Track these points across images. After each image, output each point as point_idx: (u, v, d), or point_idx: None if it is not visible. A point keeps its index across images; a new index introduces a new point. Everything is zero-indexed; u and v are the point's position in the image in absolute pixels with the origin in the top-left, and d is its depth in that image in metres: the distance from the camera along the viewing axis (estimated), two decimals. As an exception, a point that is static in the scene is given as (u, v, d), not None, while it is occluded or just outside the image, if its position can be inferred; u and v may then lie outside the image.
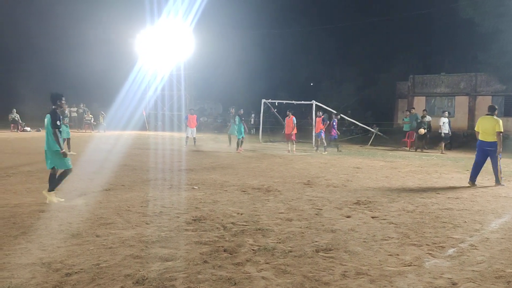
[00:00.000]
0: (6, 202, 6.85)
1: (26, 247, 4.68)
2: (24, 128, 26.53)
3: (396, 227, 5.86)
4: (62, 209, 6.49)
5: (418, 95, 31.31)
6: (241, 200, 7.47)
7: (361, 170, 11.82)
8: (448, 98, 30.29)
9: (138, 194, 7.79)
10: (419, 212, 6.76)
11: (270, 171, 11.26)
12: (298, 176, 10.44)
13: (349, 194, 8.21)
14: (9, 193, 7.55)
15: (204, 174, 10.42)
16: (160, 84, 32.21)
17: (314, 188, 8.90)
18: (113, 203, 7.01)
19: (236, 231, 5.47)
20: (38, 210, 6.36)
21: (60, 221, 5.76)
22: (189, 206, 6.89)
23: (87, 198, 7.31)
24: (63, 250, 4.60)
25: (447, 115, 19.51)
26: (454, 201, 7.73)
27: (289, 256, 4.58)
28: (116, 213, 6.30)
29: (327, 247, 4.88)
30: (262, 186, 8.95)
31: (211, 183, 9.11)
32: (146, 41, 30.98)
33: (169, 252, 4.62)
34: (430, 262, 4.47)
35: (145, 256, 4.47)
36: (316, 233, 5.47)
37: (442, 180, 10.34)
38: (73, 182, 8.79)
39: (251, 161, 13.65)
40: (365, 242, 5.14)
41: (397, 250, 4.83)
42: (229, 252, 4.66)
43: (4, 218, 5.83)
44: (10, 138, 20.15)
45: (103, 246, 4.77)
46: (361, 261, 4.45)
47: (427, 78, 31.35)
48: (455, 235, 5.50)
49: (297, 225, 5.88)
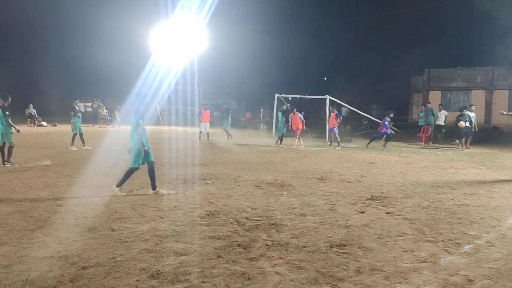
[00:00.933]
0: (23, 196, 6.97)
1: (44, 241, 4.75)
2: (41, 123, 26.90)
3: (411, 223, 5.81)
4: (78, 203, 6.57)
5: (433, 89, 30.90)
6: (255, 195, 7.48)
7: (375, 165, 11.73)
8: (464, 92, 29.85)
9: (153, 189, 7.84)
10: (435, 208, 6.69)
11: (283, 166, 11.25)
12: (311, 171, 10.41)
13: (363, 190, 8.15)
14: (27, 187, 7.68)
15: (217, 168, 10.46)
16: (174, 79, 32.33)
17: (328, 183, 8.86)
18: (128, 197, 7.08)
19: (249, 226, 5.49)
20: (55, 204, 6.46)
21: (76, 215, 5.84)
22: (203, 201, 6.93)
23: (101, 192, 7.39)
24: (79, 244, 4.66)
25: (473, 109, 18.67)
26: (470, 197, 7.63)
27: (303, 251, 4.58)
28: (131, 208, 6.36)
29: (341, 243, 4.86)
30: (276, 181, 8.95)
31: (225, 178, 9.14)
32: (160, 36, 31.09)
33: (184, 246, 4.65)
34: (445, 259, 4.42)
35: (159, 250, 4.51)
36: (330, 229, 5.45)
37: (457, 175, 10.21)
38: (87, 176, 8.91)
39: (264, 156, 13.64)
40: (380, 238, 5.11)
41: (412, 247, 4.79)
42: (243, 247, 4.68)
43: (22, 212, 5.93)
44: (27, 133, 20.44)
45: (118, 240, 4.83)
46: (376, 257, 4.43)
47: (443, 72, 30.91)
48: (471, 232, 5.43)
49: (311, 220, 5.87)
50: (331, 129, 17.59)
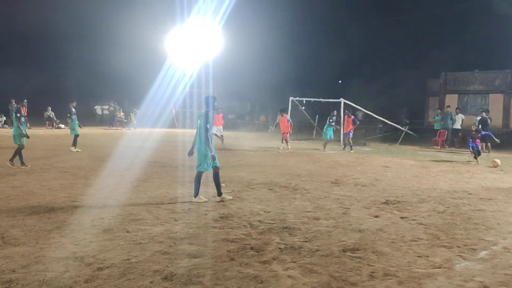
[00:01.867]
0: (41, 197, 7.10)
1: (60, 242, 4.84)
2: (59, 125, 27.32)
3: (425, 228, 5.75)
4: (94, 205, 6.67)
5: (450, 93, 30.48)
6: (268, 198, 7.49)
7: (390, 169, 11.64)
8: (482, 96, 29.37)
9: (167, 191, 7.93)
10: (450, 213, 6.61)
11: (297, 169, 11.24)
12: (325, 175, 10.38)
13: (378, 194, 8.10)
14: (44, 189, 7.82)
15: (231, 171, 10.49)
16: (189, 82, 32.57)
17: (342, 187, 8.83)
18: (143, 199, 7.16)
19: (263, 229, 5.50)
20: (71, 206, 6.57)
21: (92, 217, 5.93)
22: (216, 204, 6.97)
23: (117, 194, 7.49)
24: (95, 245, 4.73)
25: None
26: (487, 202, 7.52)
27: (316, 255, 4.57)
28: (146, 210, 6.43)
29: (355, 247, 4.84)
30: (289, 184, 8.94)
31: (238, 181, 9.17)
32: (176, 40, 31.38)
33: (197, 248, 4.69)
34: (461, 265, 4.37)
35: (173, 252, 4.55)
36: (343, 233, 5.44)
37: (474, 180, 10.07)
38: (103, 178, 9.03)
39: (278, 159, 13.64)
40: (394, 242, 5.07)
41: (426, 252, 4.75)
42: (255, 250, 4.70)
43: (40, 213, 6.05)
44: (45, 135, 20.78)
45: (133, 241, 4.89)
46: (389, 262, 4.40)
47: (460, 75, 30.48)
48: (488, 237, 5.35)
49: (324, 224, 5.85)
50: (347, 133, 17.37)
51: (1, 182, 8.34)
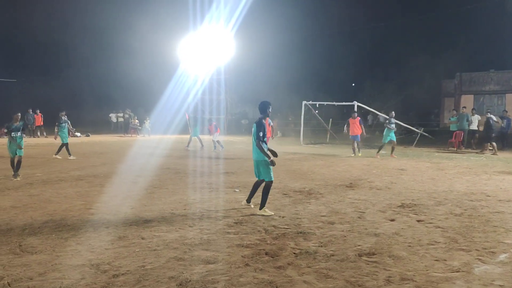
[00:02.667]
0: (57, 205, 7.18)
1: (76, 249, 4.88)
2: (74, 133, 27.68)
3: (443, 231, 5.66)
4: (109, 212, 6.72)
5: (466, 94, 30.13)
6: (283, 203, 7.46)
7: (406, 172, 11.51)
8: (498, 96, 28.97)
9: (181, 197, 7.95)
10: (468, 216, 6.50)
11: (311, 174, 11.18)
12: (340, 179, 10.30)
13: (393, 197, 8.01)
14: (61, 197, 7.91)
15: (245, 177, 10.48)
16: (201, 88, 32.75)
17: (357, 190, 8.75)
18: (157, 206, 7.19)
19: (277, 234, 5.47)
20: (87, 213, 6.63)
21: (107, 224, 5.97)
22: (231, 209, 6.96)
23: (132, 201, 7.53)
24: (110, 252, 4.76)
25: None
26: (506, 204, 7.37)
27: (331, 260, 4.53)
28: (161, 216, 6.46)
29: (370, 251, 4.78)
30: (304, 188, 8.90)
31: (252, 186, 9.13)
32: (188, 47, 31.61)
33: (212, 254, 4.68)
34: (480, 268, 4.29)
35: (188, 259, 4.55)
36: (358, 237, 5.38)
37: (492, 182, 9.89)
38: (118, 185, 9.11)
39: (292, 163, 13.60)
40: (410, 246, 5.00)
41: (444, 255, 4.67)
42: (270, 256, 4.67)
43: (56, 221, 6.11)
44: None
45: (148, 248, 4.91)
46: (406, 266, 4.33)
47: (475, 75, 30.11)
48: (507, 240, 5.24)
49: (339, 228, 5.80)
50: (355, 137, 16.14)
51: (19, 191, 8.47)
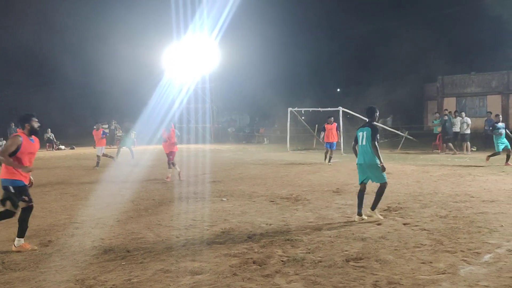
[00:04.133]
0: (42, 220, 7.07)
1: (61, 264, 4.81)
2: (59, 146, 27.37)
3: (428, 233, 5.71)
4: (95, 225, 6.64)
5: (448, 96, 30.60)
6: (270, 211, 7.46)
7: (391, 175, 11.58)
8: (480, 98, 29.48)
9: (168, 208, 7.90)
10: (453, 217, 6.57)
11: (298, 180, 11.21)
12: (326, 184, 10.35)
13: (380, 201, 8.04)
14: (45, 211, 7.79)
15: (232, 185, 10.47)
16: (186, 97, 32.71)
17: (343, 195, 8.80)
18: (144, 217, 7.13)
19: (265, 242, 5.46)
20: (72, 227, 6.53)
21: (93, 238, 5.89)
22: (218, 218, 6.93)
23: (118, 213, 7.45)
24: (95, 266, 4.70)
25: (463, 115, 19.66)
26: (490, 204, 7.48)
27: (319, 266, 4.53)
28: (147, 228, 6.40)
29: (358, 256, 4.80)
30: (291, 195, 8.91)
31: (240, 194, 9.14)
32: (173, 56, 31.58)
33: (199, 265, 4.65)
34: (465, 269, 4.33)
35: (175, 270, 4.51)
36: (346, 242, 5.40)
37: (476, 183, 10.03)
38: (104, 198, 9.01)
39: (279, 170, 13.62)
40: (397, 250, 5.03)
41: (430, 258, 4.71)
42: (258, 264, 4.66)
43: (40, 236, 6.01)
44: (46, 157, 20.83)
45: (134, 261, 4.85)
46: (393, 270, 4.36)
47: (457, 78, 30.63)
48: (491, 240, 5.31)
49: (326, 234, 5.82)
50: (332, 144, 14.83)
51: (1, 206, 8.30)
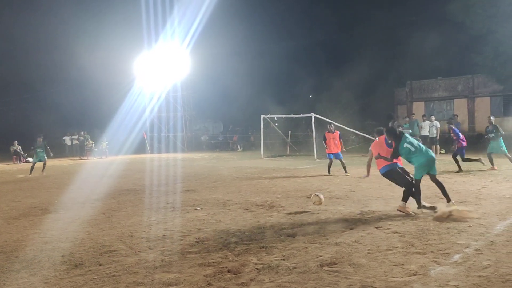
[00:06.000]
0: (8, 236, 6.84)
1: (29, 281, 4.65)
2: (26, 159, 26.59)
3: (400, 236, 5.81)
4: (65, 239, 6.46)
5: (416, 101, 31.38)
6: (244, 218, 7.44)
7: (364, 180, 11.74)
8: (447, 102, 30.35)
9: (141, 219, 7.77)
10: (423, 219, 6.71)
11: (272, 187, 11.23)
12: (301, 190, 10.41)
13: (353, 205, 8.17)
14: (12, 227, 7.54)
15: (206, 194, 10.40)
16: (157, 105, 32.43)
17: (317, 201, 8.85)
18: (116, 229, 6.99)
19: (239, 251, 5.44)
20: (41, 242, 6.34)
21: (62, 252, 5.73)
22: (192, 228, 6.86)
23: (89, 226, 7.29)
24: (66, 282, 4.57)
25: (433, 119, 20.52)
26: (458, 205, 7.67)
27: (294, 272, 4.54)
28: (119, 240, 6.27)
29: (332, 261, 4.84)
30: (265, 202, 8.92)
31: (214, 203, 9.09)
32: (143, 64, 31.30)
33: (173, 276, 4.59)
34: (435, 270, 4.42)
35: (148, 283, 4.43)
36: (320, 247, 5.43)
37: (445, 184, 10.22)
38: (74, 211, 8.79)
39: (253, 177, 13.62)
40: (370, 253, 5.10)
41: (402, 260, 4.79)
42: (233, 273, 4.63)
43: (7, 253, 5.81)
44: (12, 170, 20.20)
45: (106, 274, 4.74)
46: (366, 273, 4.41)
47: (425, 83, 31.45)
48: (460, 241, 5.45)
49: (301, 240, 5.84)
50: (337, 154, 13.60)
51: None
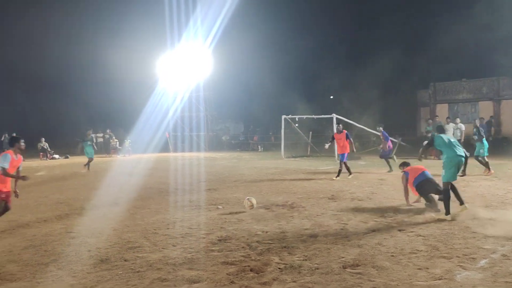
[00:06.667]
0: (37, 230, 7.04)
1: (57, 274, 4.79)
2: (53, 156, 27.20)
3: (424, 239, 5.75)
4: (91, 234, 6.62)
5: (440, 103, 30.84)
6: (266, 218, 7.47)
7: (386, 182, 11.66)
8: (471, 104, 29.75)
9: (164, 216, 7.89)
10: (448, 223, 6.62)
11: (293, 187, 11.23)
12: (321, 191, 10.38)
13: (375, 207, 8.11)
14: (40, 221, 7.75)
15: (228, 193, 10.47)
16: (180, 105, 32.73)
17: (339, 202, 8.83)
18: (140, 226, 7.11)
19: (261, 250, 5.47)
20: (68, 237, 6.50)
21: (89, 247, 5.88)
22: (214, 226, 6.93)
23: (114, 222, 7.43)
24: (92, 276, 4.69)
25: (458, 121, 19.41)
26: (484, 210, 7.54)
27: (316, 273, 4.55)
28: (143, 236, 6.39)
29: (354, 263, 4.83)
30: (286, 202, 8.93)
31: (235, 202, 9.15)
32: (166, 64, 31.65)
33: (196, 273, 4.65)
34: (461, 275, 4.37)
35: (172, 279, 4.51)
36: (342, 249, 5.42)
37: (470, 188, 10.10)
38: (99, 207, 8.98)
39: (274, 177, 13.64)
40: (393, 256, 5.06)
41: (426, 264, 4.75)
42: (255, 272, 4.67)
43: (36, 246, 5.98)
44: (39, 167, 20.70)
45: (131, 270, 4.85)
46: (390, 276, 4.39)
47: (449, 84, 30.89)
48: (486, 246, 5.36)
49: (323, 241, 5.84)
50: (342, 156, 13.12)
51: (-4, 217, 8.26)
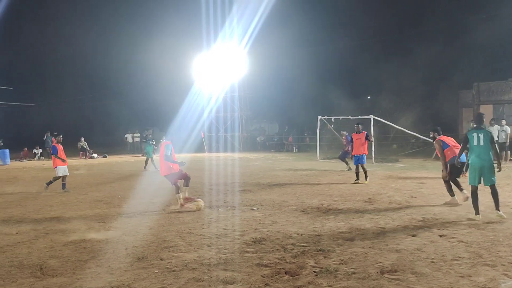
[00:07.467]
0: (77, 227, 7.24)
1: (96, 271, 4.89)
2: (92, 155, 28.06)
3: (466, 246, 5.52)
4: (128, 233, 6.74)
5: (484, 104, 29.67)
6: (301, 220, 7.38)
7: (425, 185, 11.31)
8: (518, 105, 28.47)
9: (199, 216, 7.94)
10: (492, 229, 6.33)
11: (329, 189, 11.08)
12: (358, 194, 10.18)
13: (414, 211, 7.87)
14: (80, 219, 7.98)
15: (262, 194, 10.45)
16: (215, 105, 33.02)
17: (376, 205, 8.62)
18: (175, 225, 7.19)
19: (296, 252, 5.41)
20: (106, 235, 6.65)
21: (126, 245, 5.99)
22: (248, 228, 6.92)
23: (150, 221, 7.55)
24: (130, 274, 4.76)
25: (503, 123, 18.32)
26: None
27: (353, 278, 4.44)
28: (179, 236, 6.45)
29: (392, 268, 4.68)
30: (322, 205, 8.81)
31: (270, 204, 9.10)
32: (202, 65, 32.01)
33: (231, 274, 4.64)
34: (506, 284, 4.16)
35: (207, 279, 4.52)
36: (380, 254, 5.28)
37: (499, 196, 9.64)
38: (136, 206, 9.15)
39: (309, 179, 13.50)
40: (433, 262, 4.88)
41: (469, 271, 4.54)
42: (290, 275, 4.61)
43: (76, 243, 6.15)
44: (79, 165, 21.40)
45: (167, 269, 4.89)
46: (430, 283, 4.22)
47: (494, 84, 29.66)
48: (534, 254, 5.08)
49: (359, 245, 5.71)
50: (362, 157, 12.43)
51: (39, 214, 8.58)
